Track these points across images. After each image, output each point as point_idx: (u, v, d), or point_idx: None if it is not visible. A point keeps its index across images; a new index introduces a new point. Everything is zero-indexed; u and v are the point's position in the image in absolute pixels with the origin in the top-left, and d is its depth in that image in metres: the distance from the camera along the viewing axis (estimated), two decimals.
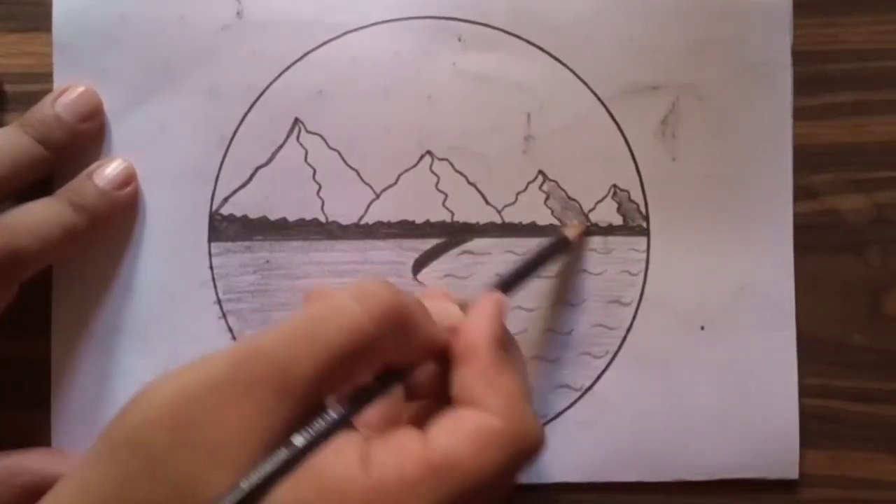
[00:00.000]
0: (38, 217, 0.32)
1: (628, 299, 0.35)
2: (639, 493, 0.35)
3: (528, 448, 0.26)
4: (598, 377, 0.35)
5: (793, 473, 0.35)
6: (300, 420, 0.24)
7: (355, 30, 0.35)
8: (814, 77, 0.36)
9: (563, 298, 0.35)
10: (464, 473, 0.24)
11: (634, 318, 0.35)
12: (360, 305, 0.25)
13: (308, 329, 0.24)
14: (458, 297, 0.31)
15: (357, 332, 0.25)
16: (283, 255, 0.35)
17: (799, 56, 0.36)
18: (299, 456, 0.23)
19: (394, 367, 0.27)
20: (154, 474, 0.22)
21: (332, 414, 0.25)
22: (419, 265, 0.35)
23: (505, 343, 0.29)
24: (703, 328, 0.35)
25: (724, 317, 0.35)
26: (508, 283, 0.32)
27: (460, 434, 0.25)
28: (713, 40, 0.35)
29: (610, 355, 0.35)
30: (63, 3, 0.35)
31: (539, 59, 0.35)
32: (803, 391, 0.35)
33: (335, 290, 0.26)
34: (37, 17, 0.35)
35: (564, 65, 0.35)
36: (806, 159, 0.36)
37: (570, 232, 0.35)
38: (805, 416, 0.35)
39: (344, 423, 0.25)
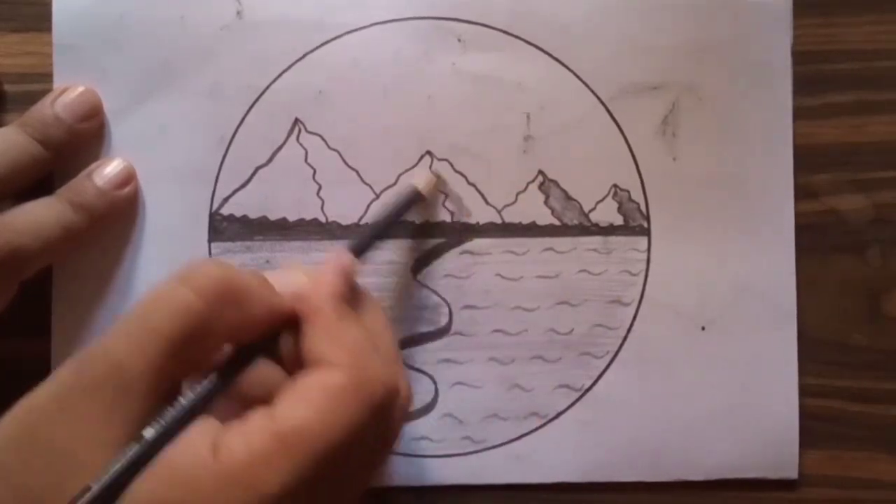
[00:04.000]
0: (38, 216, 0.32)
1: (629, 299, 0.35)
2: (639, 493, 0.35)
3: (376, 397, 0.26)
4: (599, 377, 0.35)
5: (793, 473, 0.35)
6: (152, 412, 0.24)
7: (355, 30, 0.35)
8: (814, 77, 0.36)
9: (564, 298, 0.35)
10: (314, 437, 0.24)
11: (635, 318, 0.35)
12: (188, 287, 0.25)
13: (139, 321, 0.24)
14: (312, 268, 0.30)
15: (188, 315, 0.25)
16: (284, 255, 0.35)
17: (799, 56, 0.36)
18: (152, 449, 0.23)
19: (245, 342, 0.27)
20: (13, 493, 0.23)
21: (183, 402, 0.25)
22: (419, 265, 0.35)
23: (349, 297, 0.28)
24: (703, 328, 0.35)
25: (724, 317, 0.35)
26: (361, 244, 0.31)
27: (305, 397, 0.25)
28: (713, 40, 0.35)
29: (610, 355, 0.35)
30: (63, 3, 0.35)
31: (539, 59, 0.35)
32: (803, 391, 0.35)
33: (164, 279, 0.26)
34: (37, 17, 0.35)
35: (564, 65, 0.35)
36: (806, 159, 0.36)
37: (420, 183, 0.34)
38: (805, 416, 0.35)
39: (198, 409, 0.25)
